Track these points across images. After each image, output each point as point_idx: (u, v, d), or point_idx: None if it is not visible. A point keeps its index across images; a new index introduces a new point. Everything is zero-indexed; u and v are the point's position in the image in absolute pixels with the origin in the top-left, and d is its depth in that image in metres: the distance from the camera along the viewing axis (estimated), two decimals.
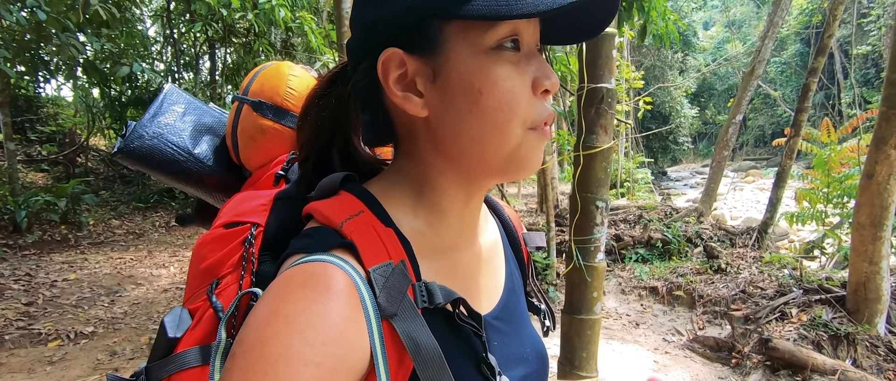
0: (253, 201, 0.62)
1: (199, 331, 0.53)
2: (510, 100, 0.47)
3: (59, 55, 6.17)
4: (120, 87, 8.84)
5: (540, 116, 0.49)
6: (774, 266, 5.03)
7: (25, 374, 3.34)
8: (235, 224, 0.59)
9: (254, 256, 0.55)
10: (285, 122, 0.79)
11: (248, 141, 0.81)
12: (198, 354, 0.52)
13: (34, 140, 9.24)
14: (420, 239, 0.52)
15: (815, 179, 5.97)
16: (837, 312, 3.60)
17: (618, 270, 5.84)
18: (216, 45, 9.25)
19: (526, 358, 0.59)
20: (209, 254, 0.59)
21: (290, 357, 0.38)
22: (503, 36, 0.46)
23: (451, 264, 0.55)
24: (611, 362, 3.74)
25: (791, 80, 22.79)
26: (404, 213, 0.53)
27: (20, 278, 4.99)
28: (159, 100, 0.88)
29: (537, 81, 0.48)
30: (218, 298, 0.54)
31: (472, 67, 0.46)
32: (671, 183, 20.09)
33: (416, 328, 0.44)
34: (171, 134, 0.84)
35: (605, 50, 2.01)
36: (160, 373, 0.52)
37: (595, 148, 1.99)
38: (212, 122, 0.91)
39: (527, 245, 0.70)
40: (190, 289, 0.60)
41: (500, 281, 0.62)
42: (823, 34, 5.33)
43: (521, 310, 0.64)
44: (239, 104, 0.82)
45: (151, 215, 8.38)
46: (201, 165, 0.85)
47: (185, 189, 0.89)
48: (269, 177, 0.73)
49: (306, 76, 0.84)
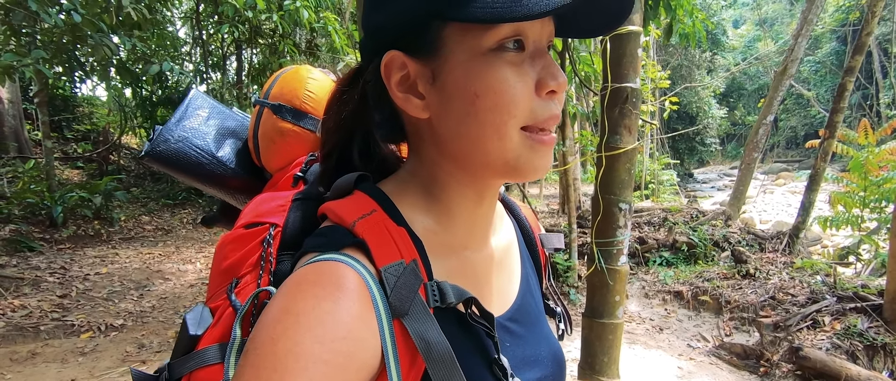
0: (272, 201, 0.63)
1: (219, 329, 0.55)
2: (508, 101, 0.46)
3: (93, 56, 6.38)
4: (151, 87, 9.11)
5: (541, 117, 0.48)
6: (806, 272, 4.85)
7: (59, 364, 3.47)
8: (255, 225, 0.61)
9: (272, 255, 0.56)
10: (304, 124, 0.80)
11: (269, 143, 0.83)
12: (217, 351, 0.53)
13: (70, 138, 9.60)
14: (432, 238, 0.52)
15: (851, 183, 5.73)
16: (874, 321, 3.45)
17: (641, 273, 5.73)
18: (242, 46, 9.44)
19: (541, 361, 0.58)
20: (230, 253, 0.60)
21: (299, 354, 0.38)
22: (503, 37, 0.45)
23: (463, 263, 0.55)
24: (634, 367, 3.67)
25: (826, 79, 22.00)
26: (416, 212, 0.53)
27: (55, 271, 5.18)
28: (184, 104, 0.91)
29: (541, 81, 0.47)
30: (237, 297, 0.56)
31: (470, 70, 0.46)
32: (698, 185, 19.61)
33: (427, 327, 0.44)
34: (195, 137, 0.86)
35: (629, 49, 1.96)
36: (182, 369, 0.54)
37: (618, 149, 1.95)
38: (235, 125, 0.94)
39: (544, 247, 0.69)
40: (212, 288, 0.61)
41: (514, 282, 0.61)
42: (861, 32, 5.12)
43: (536, 312, 0.63)
44: (260, 108, 0.84)
45: (179, 212, 8.61)
46: (224, 168, 0.87)
47: (208, 191, 0.91)
48: (288, 179, 0.74)
49: (325, 79, 0.85)
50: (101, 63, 6.74)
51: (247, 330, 0.51)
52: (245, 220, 0.62)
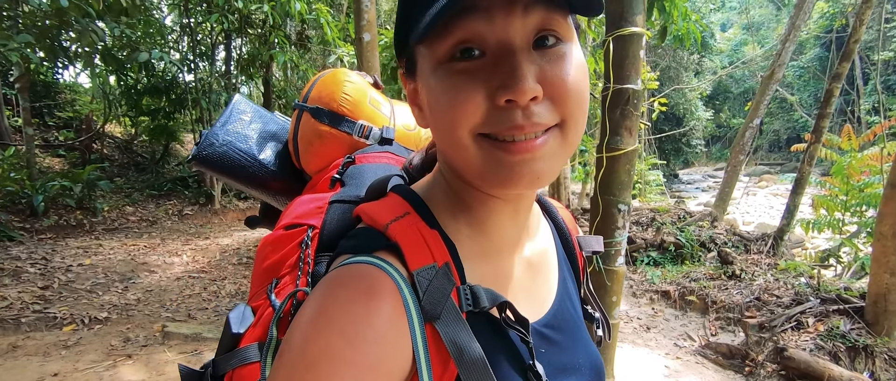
0: (311, 204, 0.64)
1: (260, 328, 0.56)
2: (453, 108, 0.44)
3: (79, 41, 6.23)
4: (136, 75, 8.92)
5: (501, 127, 0.43)
6: (790, 274, 4.95)
7: (41, 357, 3.39)
8: (294, 226, 0.62)
9: (310, 257, 0.57)
10: (341, 127, 0.82)
11: (307, 146, 0.85)
12: (258, 350, 0.54)
13: (51, 126, 9.37)
14: (466, 241, 0.52)
15: (833, 187, 5.86)
16: (856, 323, 3.53)
17: (629, 272, 5.79)
18: (232, 36, 9.29)
19: (578, 369, 0.57)
20: (270, 254, 0.62)
21: (332, 355, 0.39)
22: (450, 46, 0.44)
23: (498, 268, 0.55)
24: (622, 365, 3.71)
25: (809, 84, 22.44)
26: (449, 215, 0.53)
27: (36, 262, 5.06)
28: (229, 109, 0.94)
29: (496, 92, 0.43)
30: (277, 297, 0.57)
31: (430, 83, 0.47)
32: (683, 186, 19.90)
33: (459, 331, 0.44)
34: (239, 141, 0.90)
35: (632, 50, 1.97)
36: (226, 366, 0.55)
37: (619, 150, 1.96)
38: (276, 129, 0.97)
39: (582, 249, 0.68)
40: (254, 287, 0.62)
41: (552, 288, 0.60)
42: (849, 39, 5.22)
43: (575, 319, 0.62)
44: (299, 111, 0.86)
45: (165, 203, 8.46)
46: (266, 171, 0.90)
47: (251, 193, 0.94)
48: (326, 180, 0.75)
49: (362, 82, 0.86)
50: (86, 49, 6.57)
51: (283, 330, 0.51)
52: (285, 221, 0.63)
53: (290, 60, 8.61)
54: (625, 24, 1.94)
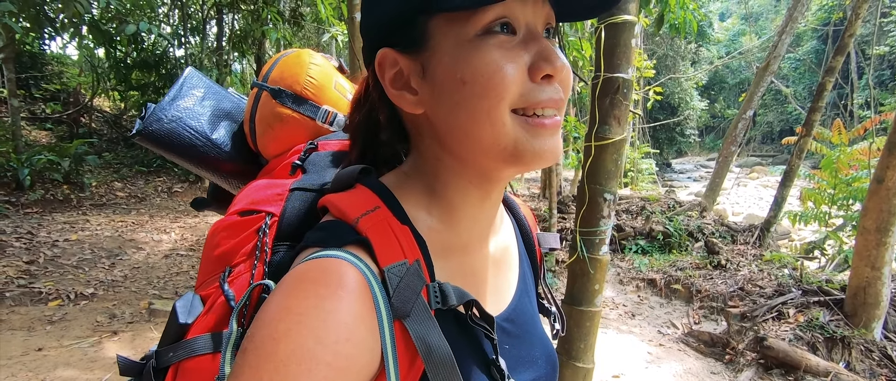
0: (269, 190, 0.61)
1: (211, 318, 0.53)
2: (496, 84, 0.44)
3: (64, 12, 6.06)
4: (126, 48, 8.74)
5: (535, 100, 0.46)
6: (774, 265, 5.02)
7: (25, 332, 3.38)
8: (250, 212, 0.59)
9: (267, 246, 0.55)
10: (304, 110, 0.78)
11: (266, 128, 0.80)
12: (209, 341, 0.52)
13: (38, 98, 9.18)
14: (435, 237, 0.52)
15: (822, 180, 5.92)
16: (835, 314, 3.60)
17: (617, 260, 5.85)
18: (224, 11, 9.11)
19: (535, 362, 0.58)
20: (223, 241, 0.59)
21: (301, 356, 0.37)
22: (489, 21, 0.44)
23: (464, 263, 0.55)
24: (606, 351, 3.77)
25: (804, 77, 22.48)
26: (419, 210, 0.52)
27: (22, 237, 5.01)
28: (179, 83, 0.87)
29: (536, 65, 0.45)
30: (230, 286, 0.54)
31: (457, 58, 0.45)
32: (675, 175, 20.00)
33: (428, 330, 0.44)
34: (189, 118, 0.84)
35: (623, 38, 1.94)
36: (170, 358, 0.52)
37: (607, 139, 1.95)
38: (230, 107, 0.90)
39: (541, 246, 0.69)
40: (202, 275, 0.59)
41: (512, 282, 0.61)
42: (844, 32, 5.21)
43: (532, 312, 0.63)
44: (258, 91, 0.81)
45: (154, 180, 8.38)
46: (218, 151, 0.85)
47: (201, 174, 0.88)
48: (285, 166, 0.72)
49: (327, 65, 0.83)
50: (71, 20, 6.41)
51: (242, 323, 0.50)
52: (240, 206, 0.61)
53: (283, 38, 8.46)
54: (617, 11, 1.91)
